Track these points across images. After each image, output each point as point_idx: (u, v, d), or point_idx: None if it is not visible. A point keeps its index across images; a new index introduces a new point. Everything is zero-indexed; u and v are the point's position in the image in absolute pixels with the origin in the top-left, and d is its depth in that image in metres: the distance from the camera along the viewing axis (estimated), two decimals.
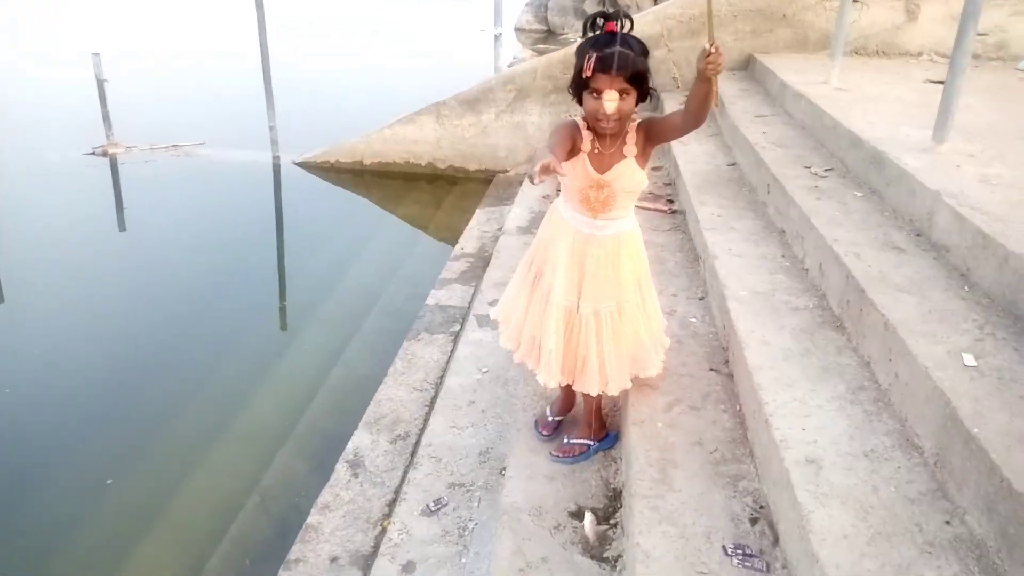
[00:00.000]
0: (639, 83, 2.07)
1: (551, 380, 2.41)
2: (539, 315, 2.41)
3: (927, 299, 2.36)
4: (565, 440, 2.63)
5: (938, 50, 6.42)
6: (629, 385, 2.49)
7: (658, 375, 2.57)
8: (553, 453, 2.62)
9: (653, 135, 2.22)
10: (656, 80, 2.28)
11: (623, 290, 2.37)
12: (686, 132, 2.17)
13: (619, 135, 2.20)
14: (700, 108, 2.04)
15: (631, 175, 2.22)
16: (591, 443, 2.62)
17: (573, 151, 2.18)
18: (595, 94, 2.07)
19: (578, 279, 2.33)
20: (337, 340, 4.62)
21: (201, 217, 6.85)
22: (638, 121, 2.21)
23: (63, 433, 3.73)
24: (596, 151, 2.19)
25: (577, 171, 2.20)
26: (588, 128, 2.19)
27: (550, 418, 2.72)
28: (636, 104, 2.12)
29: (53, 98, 10.98)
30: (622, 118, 2.11)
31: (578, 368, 2.42)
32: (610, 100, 2.05)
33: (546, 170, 1.78)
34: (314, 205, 7.44)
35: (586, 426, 2.63)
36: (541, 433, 2.69)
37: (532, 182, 1.77)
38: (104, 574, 2.92)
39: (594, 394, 2.45)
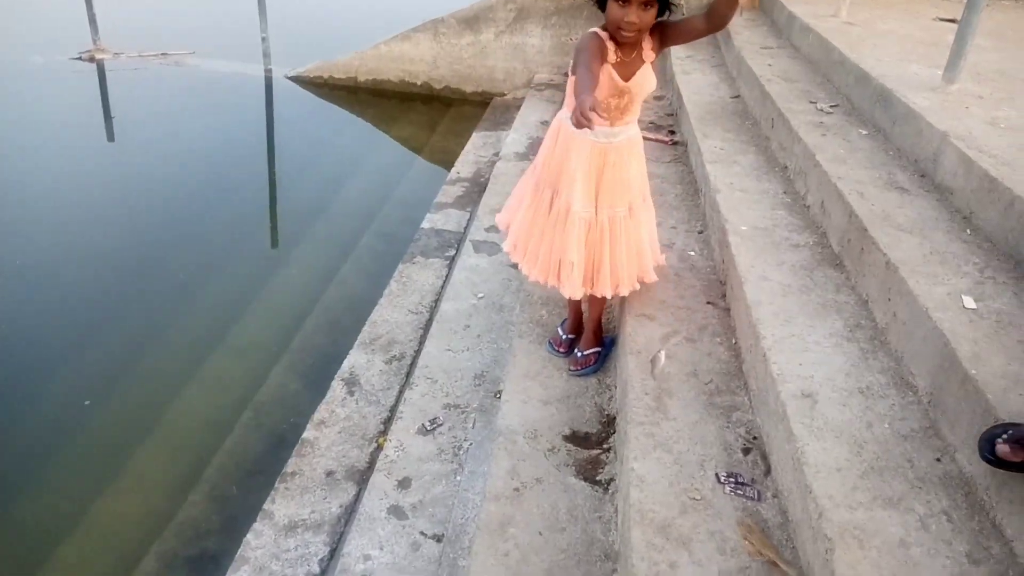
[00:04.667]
0: None
1: (576, 292, 2.51)
2: (560, 234, 2.45)
3: (929, 240, 2.37)
4: (578, 354, 2.71)
5: None
6: (637, 286, 2.60)
7: (656, 306, 2.62)
8: (571, 368, 2.70)
9: (668, 38, 2.31)
10: None
11: (632, 191, 2.48)
12: (709, 34, 2.26)
13: (637, 41, 2.25)
14: (728, 8, 2.12)
15: (649, 79, 2.31)
16: (600, 349, 2.74)
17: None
18: (621, 2, 2.13)
19: (595, 189, 2.41)
20: (330, 260, 4.60)
21: (191, 130, 6.70)
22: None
23: (50, 349, 3.71)
24: (619, 60, 2.25)
25: (602, 83, 2.22)
26: (610, 39, 2.23)
27: (563, 336, 2.79)
28: (656, 16, 2.19)
29: None
30: (642, 28, 2.18)
31: (594, 274, 2.52)
32: (635, 9, 2.12)
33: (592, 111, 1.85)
34: (306, 121, 7.29)
35: (591, 334, 2.74)
36: (558, 351, 2.77)
37: (590, 127, 1.86)
38: (98, 483, 2.95)
39: (609, 296, 2.55)
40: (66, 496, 2.93)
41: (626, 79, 2.25)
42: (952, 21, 3.46)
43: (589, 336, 2.74)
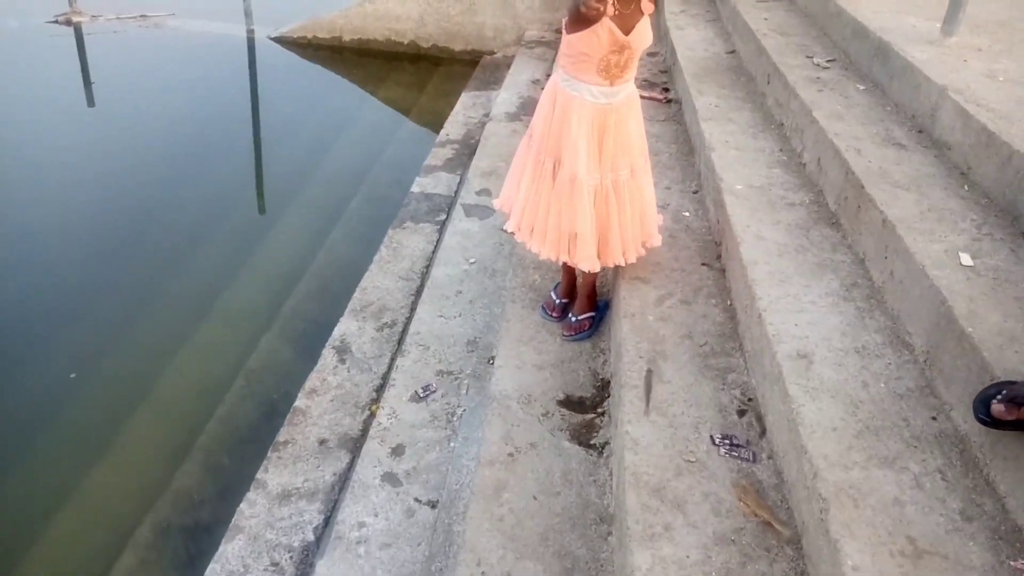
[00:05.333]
0: None
1: (595, 264, 2.47)
2: (567, 205, 2.39)
3: (926, 197, 2.33)
4: (572, 319, 2.68)
5: None
6: (643, 252, 2.57)
7: (650, 269, 2.59)
8: (565, 334, 2.68)
9: None
10: None
11: (633, 152, 2.43)
12: None
13: None
14: None
15: (647, 32, 2.25)
16: (594, 314, 2.71)
17: (594, 19, 2.15)
18: None
19: (598, 153, 2.36)
20: (318, 225, 4.54)
21: (173, 94, 6.56)
22: None
23: (34, 322, 3.65)
24: (618, 12, 2.18)
25: (602, 38, 2.17)
26: None
27: (557, 301, 2.76)
28: None
29: None
30: None
31: (601, 243, 2.48)
32: None
33: None
34: (291, 84, 7.14)
35: (585, 299, 2.71)
36: (551, 316, 2.74)
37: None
38: (91, 455, 2.93)
39: (622, 264, 2.52)
40: (59, 469, 2.91)
41: (626, 32, 2.18)
42: None
43: (583, 301, 2.70)
